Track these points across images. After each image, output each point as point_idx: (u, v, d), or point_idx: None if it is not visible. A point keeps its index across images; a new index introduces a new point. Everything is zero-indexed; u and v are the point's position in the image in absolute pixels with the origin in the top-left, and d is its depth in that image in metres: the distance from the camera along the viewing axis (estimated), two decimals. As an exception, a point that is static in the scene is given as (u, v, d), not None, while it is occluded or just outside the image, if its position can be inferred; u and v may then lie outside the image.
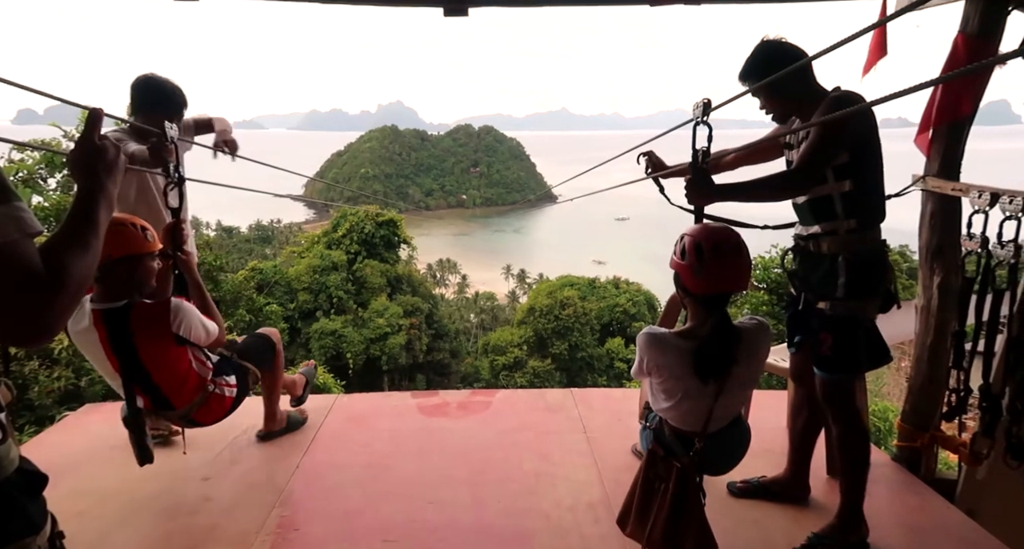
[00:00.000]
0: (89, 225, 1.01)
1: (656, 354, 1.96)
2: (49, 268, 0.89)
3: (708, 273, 1.89)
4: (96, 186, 1.06)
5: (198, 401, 2.50)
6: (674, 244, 2.00)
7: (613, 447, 3.14)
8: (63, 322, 0.93)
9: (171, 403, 2.44)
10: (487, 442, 3.27)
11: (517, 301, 49.17)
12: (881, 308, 2.29)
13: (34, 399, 5.94)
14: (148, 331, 2.26)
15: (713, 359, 1.90)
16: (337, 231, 27.58)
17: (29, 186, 6.45)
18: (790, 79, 2.02)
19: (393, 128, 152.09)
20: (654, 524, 1.94)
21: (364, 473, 2.94)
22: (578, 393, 3.92)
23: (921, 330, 2.85)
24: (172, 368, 2.38)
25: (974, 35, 2.48)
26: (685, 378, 1.94)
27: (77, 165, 1.08)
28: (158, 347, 2.31)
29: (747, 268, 1.92)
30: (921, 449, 2.86)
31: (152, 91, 2.94)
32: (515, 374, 27.78)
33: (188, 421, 2.59)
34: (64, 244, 0.95)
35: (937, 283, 2.72)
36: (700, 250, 1.89)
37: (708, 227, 2.00)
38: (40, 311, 0.87)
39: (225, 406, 2.62)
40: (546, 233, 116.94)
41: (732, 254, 1.90)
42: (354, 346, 24.93)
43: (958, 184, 2.53)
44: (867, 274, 2.22)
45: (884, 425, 8.96)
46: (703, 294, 1.95)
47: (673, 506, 1.89)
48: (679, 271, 1.97)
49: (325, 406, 3.68)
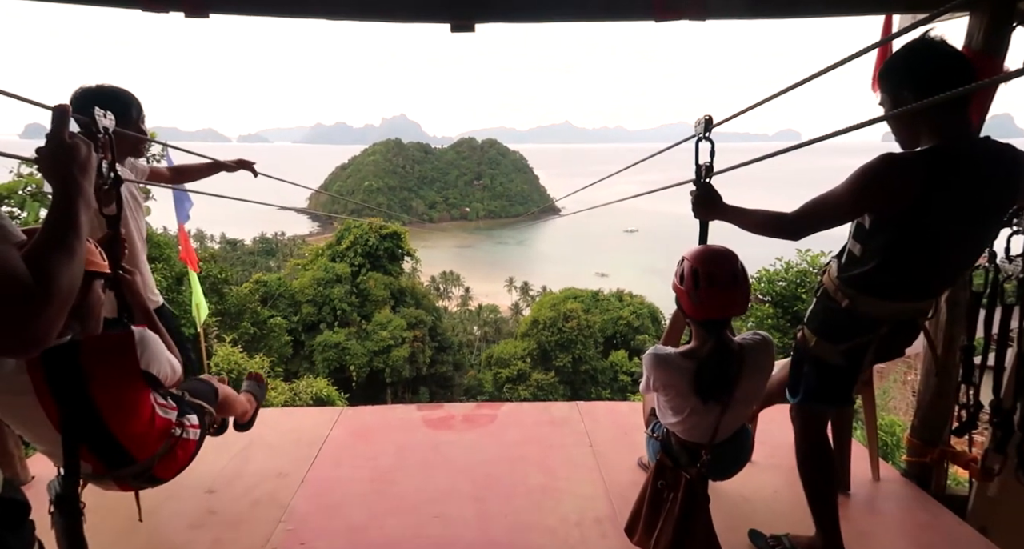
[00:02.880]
0: (71, 229, 0.97)
1: (662, 374, 2.03)
2: (36, 276, 0.85)
3: (703, 300, 1.95)
4: (72, 187, 1.01)
5: (162, 451, 1.98)
6: (677, 263, 2.05)
7: (619, 462, 3.12)
8: (55, 331, 0.90)
9: (132, 456, 1.90)
10: (493, 456, 3.25)
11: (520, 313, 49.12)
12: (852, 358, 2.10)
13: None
14: (106, 370, 1.73)
15: (713, 381, 1.96)
16: (341, 244, 27.70)
17: (37, 200, 6.49)
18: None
19: (397, 141, 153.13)
20: (662, 531, 1.97)
21: (369, 487, 2.93)
22: (583, 406, 3.91)
23: (929, 344, 2.83)
24: (136, 413, 1.85)
25: (979, 51, 2.49)
26: (690, 396, 1.99)
27: (49, 165, 1.04)
28: (119, 389, 1.78)
29: (743, 296, 1.96)
30: (931, 464, 2.83)
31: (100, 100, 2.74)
32: (518, 387, 27.70)
33: (146, 478, 2.02)
34: (48, 250, 0.92)
35: (945, 297, 2.71)
36: (697, 277, 1.95)
37: (707, 253, 2.02)
38: (29, 321, 0.84)
39: (189, 452, 2.13)
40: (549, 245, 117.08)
41: (728, 283, 1.94)
42: (357, 358, 24.92)
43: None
44: (827, 319, 2.13)
45: (892, 439, 8.89)
46: (700, 319, 2.00)
47: (681, 515, 1.93)
48: (678, 294, 2.05)
49: (330, 419, 3.67)
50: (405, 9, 2.68)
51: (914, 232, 1.83)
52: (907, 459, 2.97)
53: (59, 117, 1.08)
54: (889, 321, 2.04)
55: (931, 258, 1.91)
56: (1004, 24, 2.47)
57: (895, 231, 1.86)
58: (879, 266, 1.94)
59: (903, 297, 2.01)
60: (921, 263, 1.92)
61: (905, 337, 2.17)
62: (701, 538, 1.93)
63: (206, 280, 11.36)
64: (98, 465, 1.88)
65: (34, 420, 1.70)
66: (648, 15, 2.59)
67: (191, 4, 2.53)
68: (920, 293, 2.04)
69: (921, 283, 2.00)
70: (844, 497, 2.76)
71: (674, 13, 2.57)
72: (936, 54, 1.80)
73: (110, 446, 1.83)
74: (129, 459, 1.90)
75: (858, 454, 2.90)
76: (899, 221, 1.83)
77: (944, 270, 1.99)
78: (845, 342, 2.08)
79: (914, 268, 1.93)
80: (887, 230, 1.87)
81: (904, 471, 3.00)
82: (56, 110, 1.08)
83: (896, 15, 2.89)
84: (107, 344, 1.76)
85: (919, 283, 1.99)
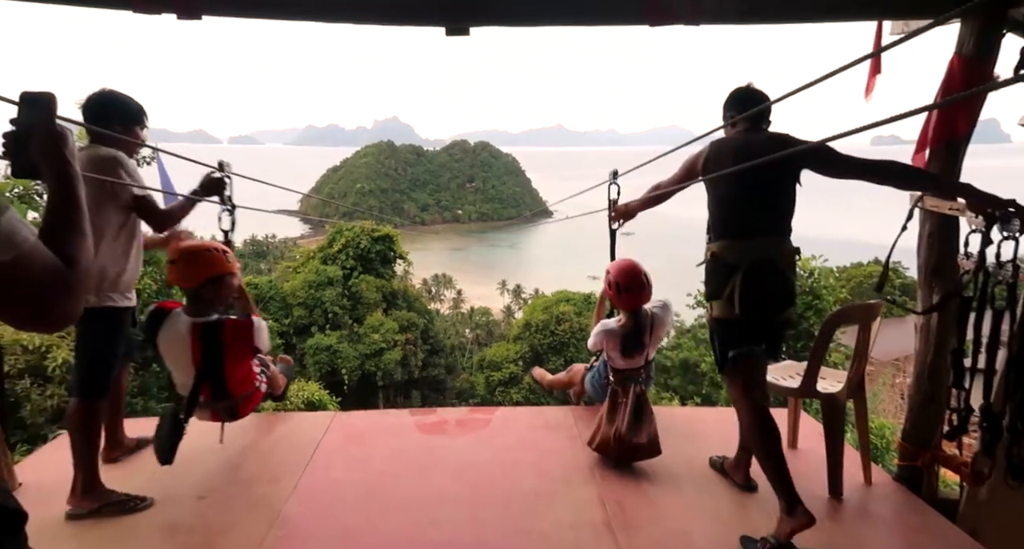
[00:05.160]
0: (79, 210, 1.04)
1: (608, 339, 3.26)
2: (64, 259, 0.94)
3: (624, 300, 3.22)
4: (71, 170, 1.07)
5: (246, 394, 2.89)
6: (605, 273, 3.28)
7: (614, 467, 3.12)
8: (82, 304, 0.99)
9: (231, 393, 2.80)
10: (486, 460, 3.24)
11: (512, 316, 49.05)
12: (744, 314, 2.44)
13: (26, 417, 5.88)
14: (236, 343, 2.70)
15: (633, 342, 3.22)
16: (333, 246, 27.55)
17: (25, 202, 6.45)
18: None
19: (389, 143, 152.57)
20: (621, 421, 3.02)
21: (363, 492, 2.91)
22: (577, 411, 3.91)
23: (921, 348, 2.86)
24: (242, 369, 2.84)
25: (970, 57, 2.52)
26: (623, 349, 3.23)
27: (44, 150, 1.07)
28: (239, 355, 2.76)
29: (649, 293, 3.22)
30: (922, 468, 2.85)
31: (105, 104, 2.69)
32: (511, 390, 27.61)
33: (231, 413, 2.90)
34: (65, 233, 0.99)
35: (936, 301, 2.73)
36: (619, 287, 3.20)
37: (624, 269, 3.21)
38: (67, 303, 0.94)
39: (257, 400, 3.03)
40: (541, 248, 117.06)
41: (638, 289, 3.19)
42: (349, 362, 24.79)
43: (955, 203, 2.54)
44: (707, 279, 2.60)
45: (881, 442, 8.96)
46: (623, 309, 3.27)
47: (633, 411, 3.04)
48: (608, 295, 3.32)
49: (323, 424, 3.66)
50: (400, 12, 2.68)
51: (719, 183, 2.49)
52: (898, 463, 2.99)
53: (52, 106, 1.12)
54: (744, 261, 2.45)
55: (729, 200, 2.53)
56: (995, 31, 2.50)
57: (711, 186, 2.55)
58: (713, 211, 2.56)
59: (730, 232, 2.52)
60: (726, 205, 2.53)
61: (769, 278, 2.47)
62: (647, 423, 3.03)
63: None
64: (208, 395, 2.74)
65: (183, 362, 2.65)
66: (642, 20, 2.60)
67: (184, 6, 2.52)
68: (744, 232, 2.50)
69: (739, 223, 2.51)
70: (836, 501, 2.78)
71: (668, 18, 2.59)
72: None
73: (220, 385, 2.74)
74: (228, 395, 2.79)
75: (850, 458, 2.91)
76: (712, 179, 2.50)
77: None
78: (723, 290, 2.49)
79: (726, 208, 2.53)
80: (708, 187, 2.58)
81: (895, 475, 3.02)
82: (48, 98, 1.12)
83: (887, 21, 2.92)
84: (240, 326, 2.69)
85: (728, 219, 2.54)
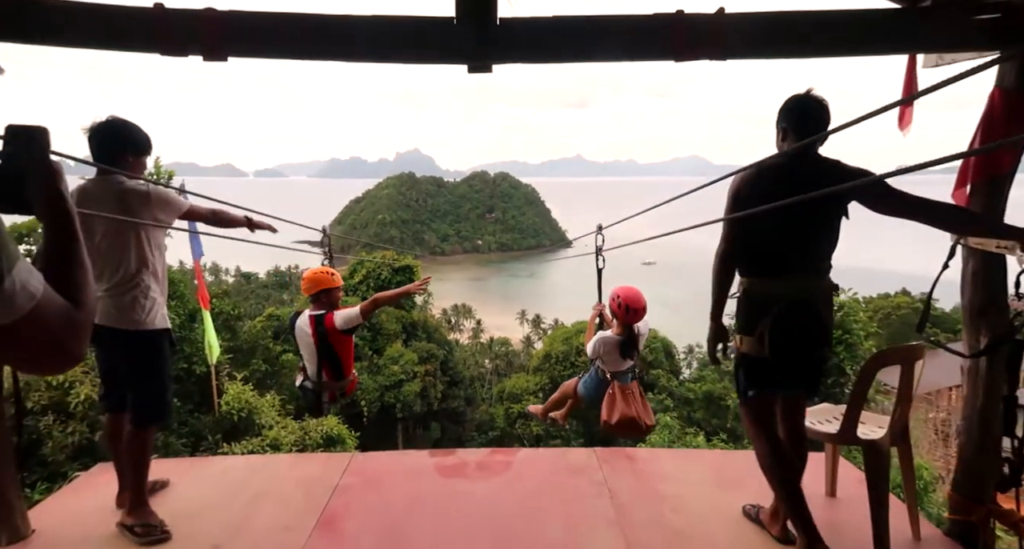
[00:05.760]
0: (78, 245, 1.03)
1: (607, 347, 3.80)
2: (73, 301, 0.93)
3: (627, 317, 3.75)
4: (69, 208, 1.07)
5: (351, 378, 3.70)
6: (611, 298, 3.80)
7: (640, 516, 2.97)
8: (88, 342, 0.98)
9: (343, 372, 3.63)
10: (509, 507, 3.11)
11: (532, 347, 48.74)
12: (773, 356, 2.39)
13: (47, 454, 5.84)
14: (333, 329, 3.48)
15: (627, 350, 3.79)
16: (354, 277, 27.71)
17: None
18: None
19: (410, 175, 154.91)
20: (627, 406, 3.70)
21: (381, 540, 2.80)
22: (601, 453, 3.77)
23: (969, 393, 2.70)
24: (347, 350, 3.67)
25: (1012, 89, 2.42)
26: (619, 355, 3.81)
27: (41, 185, 1.07)
28: (339, 337, 3.55)
29: (643, 313, 3.77)
30: (977, 523, 2.66)
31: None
32: (531, 423, 27.23)
33: (341, 393, 3.73)
34: (69, 271, 0.99)
35: (985, 344, 2.58)
36: (626, 308, 3.72)
37: (631, 294, 3.75)
38: (79, 343, 0.94)
39: (355, 383, 3.79)
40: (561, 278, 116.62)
41: (638, 310, 3.73)
42: (369, 394, 24.66)
43: (1003, 241, 2.42)
44: (739, 312, 2.59)
45: (919, 483, 8.58)
46: (623, 323, 3.79)
47: (632, 398, 3.77)
48: (614, 313, 3.81)
49: (340, 466, 3.56)
50: (422, 52, 2.66)
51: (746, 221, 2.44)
52: (950, 517, 2.80)
53: (47, 140, 1.11)
54: (778, 300, 2.40)
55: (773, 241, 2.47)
56: (1038, 63, 2.40)
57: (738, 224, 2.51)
58: (743, 250, 2.54)
59: (771, 273, 2.50)
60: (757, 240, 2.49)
61: (804, 319, 2.40)
62: (639, 406, 3.73)
63: (219, 316, 11.34)
64: (327, 373, 3.56)
65: (310, 349, 3.52)
66: (669, 55, 2.55)
67: (209, 48, 2.53)
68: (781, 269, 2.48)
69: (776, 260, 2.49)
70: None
71: (695, 53, 2.53)
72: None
73: (335, 364, 3.59)
74: (342, 373, 3.63)
75: (896, 511, 2.72)
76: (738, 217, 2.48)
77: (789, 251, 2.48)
78: (755, 327, 2.44)
79: (756, 244, 2.49)
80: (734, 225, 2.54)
81: (946, 529, 2.82)
82: (43, 132, 1.11)
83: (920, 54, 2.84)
84: (330, 319, 3.48)
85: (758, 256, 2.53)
